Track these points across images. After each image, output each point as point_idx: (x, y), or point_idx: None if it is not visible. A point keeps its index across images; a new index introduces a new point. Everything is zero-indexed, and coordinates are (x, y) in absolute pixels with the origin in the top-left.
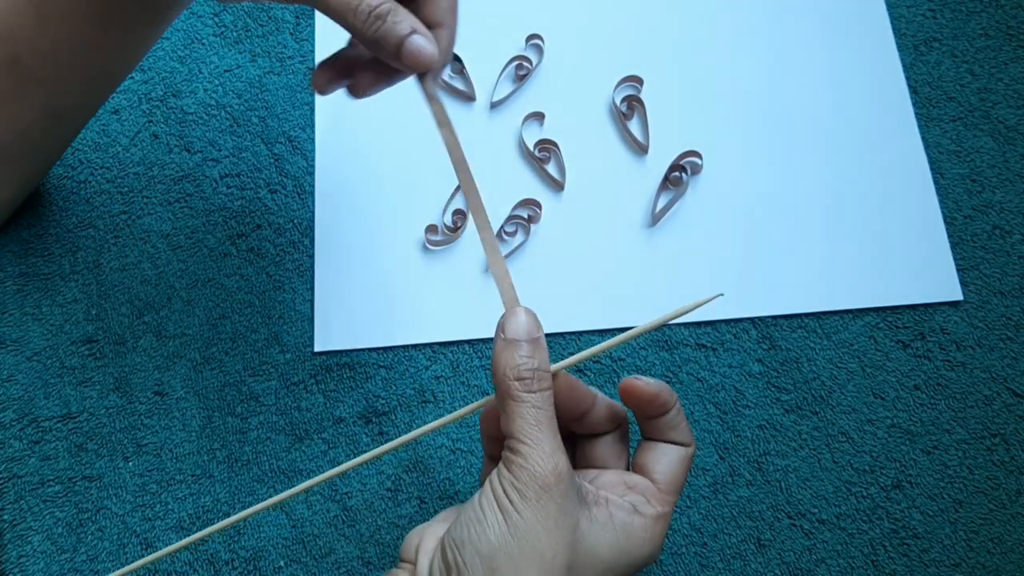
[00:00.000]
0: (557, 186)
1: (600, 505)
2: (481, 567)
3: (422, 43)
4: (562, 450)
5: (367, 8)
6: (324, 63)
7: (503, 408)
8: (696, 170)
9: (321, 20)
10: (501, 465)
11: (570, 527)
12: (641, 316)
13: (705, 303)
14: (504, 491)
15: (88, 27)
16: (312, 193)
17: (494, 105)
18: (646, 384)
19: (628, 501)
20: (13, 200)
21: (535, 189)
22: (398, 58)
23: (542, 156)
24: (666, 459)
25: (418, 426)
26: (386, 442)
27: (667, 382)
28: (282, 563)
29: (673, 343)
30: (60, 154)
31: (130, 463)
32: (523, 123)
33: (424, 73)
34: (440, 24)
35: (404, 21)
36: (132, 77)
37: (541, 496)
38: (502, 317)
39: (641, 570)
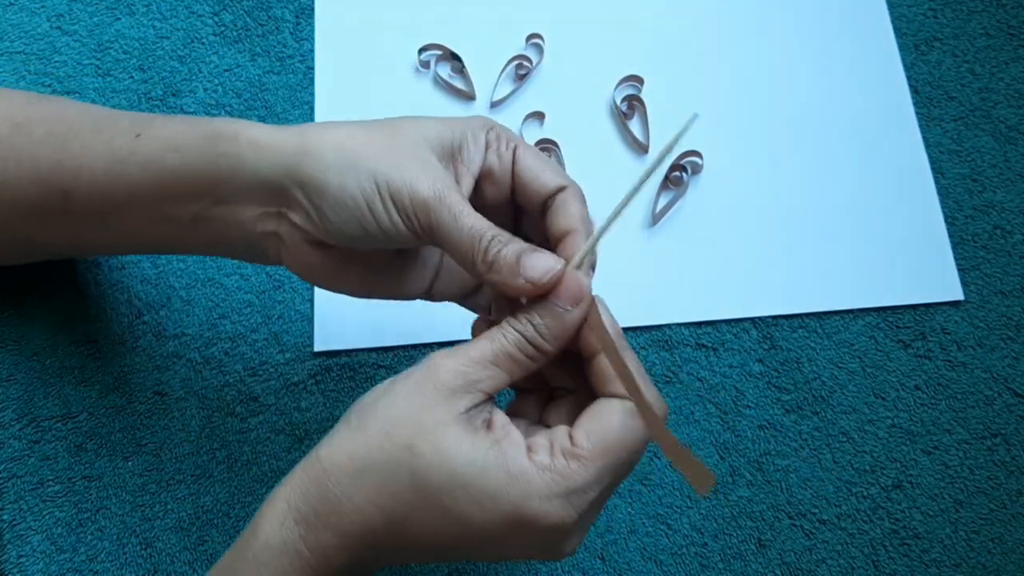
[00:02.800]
0: None
1: (492, 435)
2: (349, 414)
3: (545, 257)
4: (483, 372)
5: (491, 234)
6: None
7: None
8: (696, 170)
9: (321, 20)
10: None
11: (432, 416)
12: (641, 316)
13: (687, 128)
14: (411, 369)
15: (150, 204)
16: None
17: (494, 104)
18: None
19: (528, 441)
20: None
21: None
22: (519, 275)
23: None
24: (600, 414)
25: None
26: None
27: (667, 382)
28: None
29: (673, 343)
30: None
31: (130, 463)
32: (523, 122)
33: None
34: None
35: (522, 244)
36: (131, 76)
37: (423, 376)
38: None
39: (535, 532)
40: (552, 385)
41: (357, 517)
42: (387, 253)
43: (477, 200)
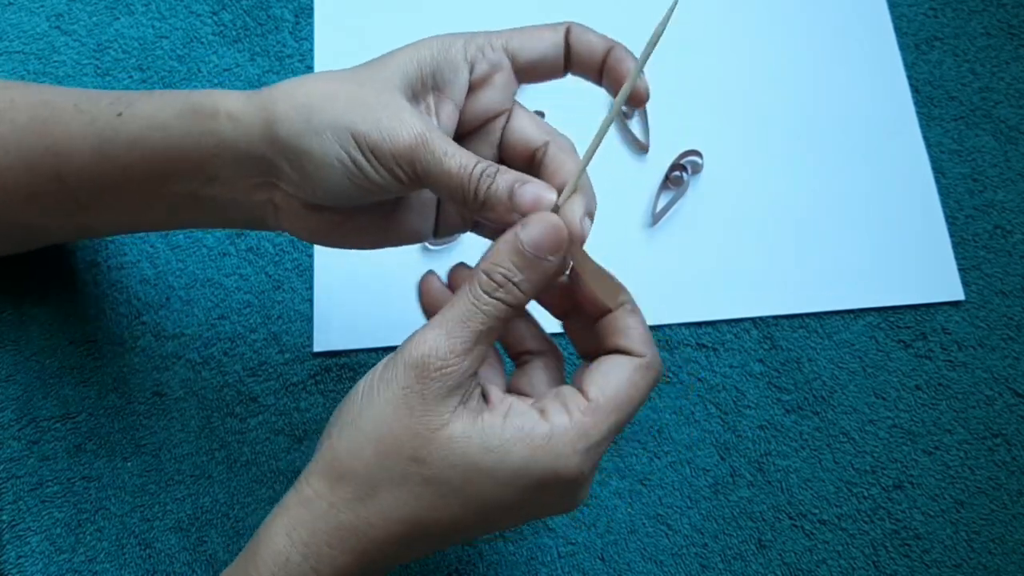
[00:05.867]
0: None
1: (496, 411)
2: (333, 435)
3: (537, 187)
4: (471, 358)
5: (479, 169)
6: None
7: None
8: (697, 169)
9: (321, 19)
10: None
11: (431, 423)
12: None
13: (671, 11)
14: (384, 365)
15: (144, 184)
16: None
17: None
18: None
19: (537, 407)
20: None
21: None
22: (512, 210)
23: None
24: (609, 370)
25: None
26: None
27: (667, 383)
28: None
29: (674, 343)
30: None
31: (129, 463)
32: None
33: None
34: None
35: (513, 174)
36: (131, 76)
37: (410, 382)
38: (532, 216)
39: (559, 489)
40: (516, 351)
41: (375, 534)
42: (385, 202)
43: (470, 114)
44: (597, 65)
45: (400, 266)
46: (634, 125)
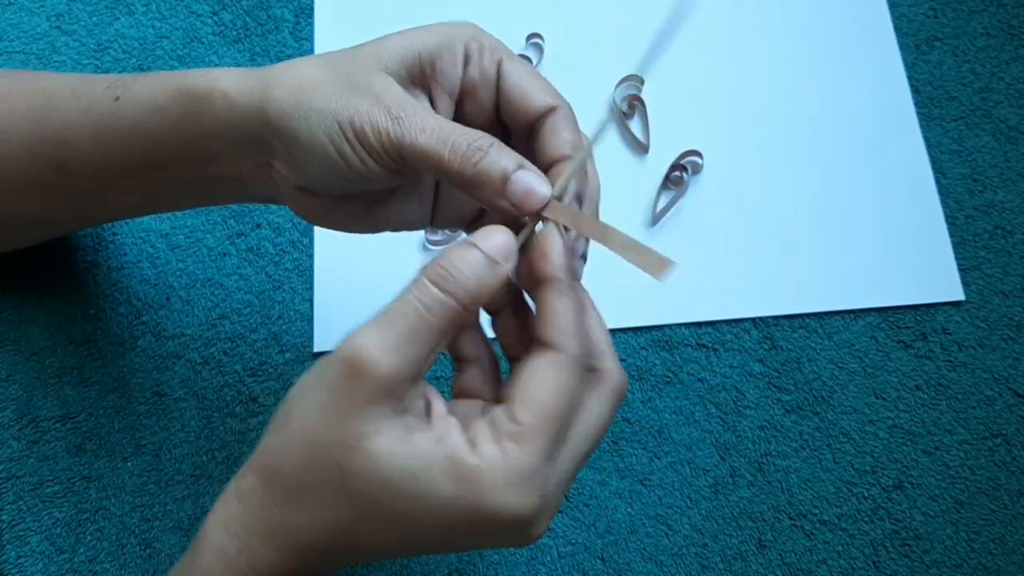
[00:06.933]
0: None
1: (431, 431)
2: (271, 429)
3: (532, 178)
4: (408, 359)
5: (465, 141)
6: None
7: None
8: (697, 170)
9: (321, 19)
10: None
11: (357, 431)
12: (641, 316)
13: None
14: (325, 360)
15: (146, 167)
16: None
17: None
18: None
19: (468, 435)
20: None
21: None
22: (503, 196)
23: None
24: (530, 377)
25: None
26: None
27: (667, 382)
28: None
29: (673, 343)
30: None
31: (129, 463)
32: None
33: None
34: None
35: (510, 155)
36: None
37: (337, 383)
38: (488, 228)
39: (498, 528)
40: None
41: (303, 537)
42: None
43: (460, 121)
44: (542, 157)
45: (400, 266)
46: (635, 125)
